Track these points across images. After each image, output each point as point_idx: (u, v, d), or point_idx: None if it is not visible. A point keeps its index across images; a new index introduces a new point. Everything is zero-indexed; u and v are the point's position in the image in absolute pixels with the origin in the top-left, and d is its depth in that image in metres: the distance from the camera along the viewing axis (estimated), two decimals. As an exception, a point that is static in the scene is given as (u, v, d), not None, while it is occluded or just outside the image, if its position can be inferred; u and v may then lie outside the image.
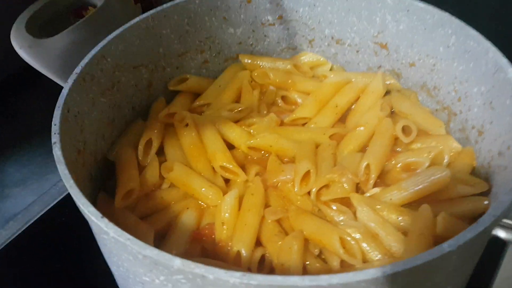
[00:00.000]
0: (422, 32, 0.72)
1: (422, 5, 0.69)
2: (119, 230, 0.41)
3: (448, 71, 0.70)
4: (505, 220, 0.49)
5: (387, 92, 0.79)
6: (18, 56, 0.79)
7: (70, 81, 0.60)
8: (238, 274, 0.36)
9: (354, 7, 0.76)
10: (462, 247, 0.37)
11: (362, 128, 0.71)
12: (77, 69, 0.61)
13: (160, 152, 0.70)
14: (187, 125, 0.70)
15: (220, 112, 0.75)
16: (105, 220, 0.42)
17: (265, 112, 0.77)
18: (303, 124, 0.76)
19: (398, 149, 0.70)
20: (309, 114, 0.75)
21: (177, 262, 0.38)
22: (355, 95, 0.77)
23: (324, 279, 0.35)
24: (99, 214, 0.43)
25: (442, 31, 0.68)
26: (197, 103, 0.78)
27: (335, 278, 0.35)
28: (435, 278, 0.41)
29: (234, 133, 0.71)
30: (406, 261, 0.36)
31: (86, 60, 0.63)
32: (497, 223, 0.42)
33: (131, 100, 0.74)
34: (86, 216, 0.45)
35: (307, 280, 0.35)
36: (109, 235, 0.42)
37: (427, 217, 0.53)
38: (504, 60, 0.57)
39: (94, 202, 0.61)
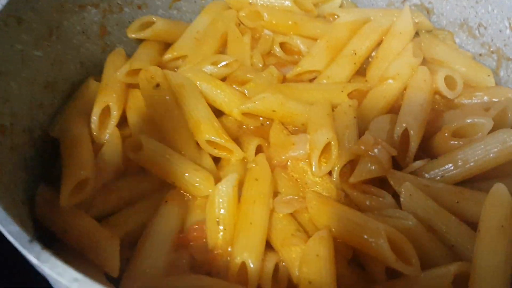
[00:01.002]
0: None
1: None
2: (59, 264, 0.26)
3: (503, 1, 0.56)
4: None
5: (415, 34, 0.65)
6: None
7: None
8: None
9: None
10: None
11: (391, 81, 0.57)
12: (-6, 8, 0.45)
13: (123, 124, 0.55)
14: (157, 85, 0.54)
15: (201, 67, 0.59)
16: (37, 246, 0.27)
17: (260, 65, 0.62)
18: (312, 80, 0.61)
19: (435, 106, 0.57)
20: (319, 65, 0.61)
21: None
22: (377, 38, 0.62)
23: None
24: (25, 237, 0.28)
25: None
26: (169, 55, 0.62)
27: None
28: None
29: (223, 95, 0.56)
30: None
31: (7, -4, 0.46)
32: None
33: (78, 53, 0.58)
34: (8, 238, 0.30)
35: None
36: (44, 272, 0.27)
37: (505, 202, 0.41)
38: None
39: (31, 200, 0.46)
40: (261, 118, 0.57)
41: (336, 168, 0.49)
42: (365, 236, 0.40)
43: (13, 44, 0.47)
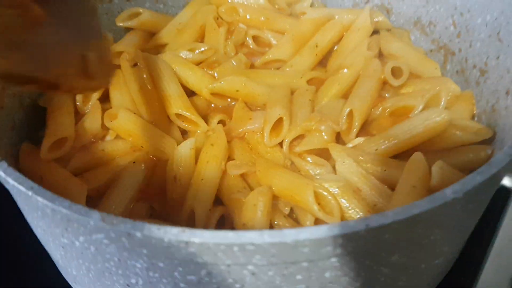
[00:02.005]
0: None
1: None
2: (20, 176, 0.32)
3: (447, 0, 0.62)
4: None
5: (376, 32, 0.70)
6: None
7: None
8: (175, 230, 0.28)
9: None
10: (469, 194, 0.30)
11: (345, 70, 0.62)
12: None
13: (106, 100, 0.61)
14: (135, 64, 0.61)
15: (178, 53, 0.65)
16: (4, 164, 0.34)
17: (233, 54, 0.68)
18: (277, 69, 0.67)
19: (386, 95, 0.63)
20: (284, 55, 0.66)
21: (95, 216, 0.29)
22: (338, 34, 0.68)
23: (289, 234, 0.28)
24: (-4, 158, 0.34)
25: (441, -50, 0.60)
26: (152, 43, 0.69)
27: (304, 233, 0.28)
28: (432, 234, 0.33)
29: (194, 76, 0.62)
30: (397, 211, 0.29)
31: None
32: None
33: (68, 36, 0.64)
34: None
35: (266, 236, 0.28)
36: (9, 184, 0.33)
37: (420, 167, 0.46)
38: (516, -21, 0.50)
39: (16, 155, 0.52)
40: (228, 99, 0.63)
41: (286, 140, 0.55)
42: (297, 191, 0.46)
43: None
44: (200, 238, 0.28)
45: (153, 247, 0.29)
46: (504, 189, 0.39)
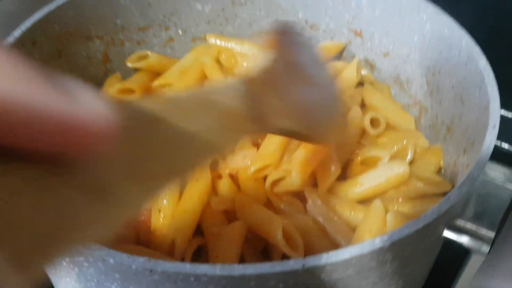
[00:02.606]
0: (397, 18, 0.69)
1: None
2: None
3: (422, 61, 0.67)
4: (469, 227, 0.46)
5: (361, 84, 0.76)
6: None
7: (5, 44, 0.56)
8: (141, 259, 0.33)
9: (328, -12, 0.73)
10: (397, 244, 0.34)
11: (330, 117, 0.67)
12: (16, 33, 0.58)
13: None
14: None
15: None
16: None
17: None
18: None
19: (363, 141, 0.67)
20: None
21: (77, 242, 0.34)
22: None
23: (237, 268, 0.32)
24: None
25: (417, 17, 0.65)
26: (157, 82, 0.75)
27: (250, 269, 0.32)
28: (368, 277, 0.37)
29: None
30: (330, 254, 0.33)
31: (27, 24, 0.59)
32: (444, 221, 0.39)
33: (82, 73, 0.71)
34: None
35: (218, 269, 0.32)
36: None
37: (378, 213, 0.50)
38: (476, 49, 0.54)
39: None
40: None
41: (268, 181, 0.59)
42: (268, 227, 0.50)
43: (28, 60, 0.60)
44: (161, 268, 0.32)
45: (124, 272, 0.34)
46: (463, 248, 0.42)
